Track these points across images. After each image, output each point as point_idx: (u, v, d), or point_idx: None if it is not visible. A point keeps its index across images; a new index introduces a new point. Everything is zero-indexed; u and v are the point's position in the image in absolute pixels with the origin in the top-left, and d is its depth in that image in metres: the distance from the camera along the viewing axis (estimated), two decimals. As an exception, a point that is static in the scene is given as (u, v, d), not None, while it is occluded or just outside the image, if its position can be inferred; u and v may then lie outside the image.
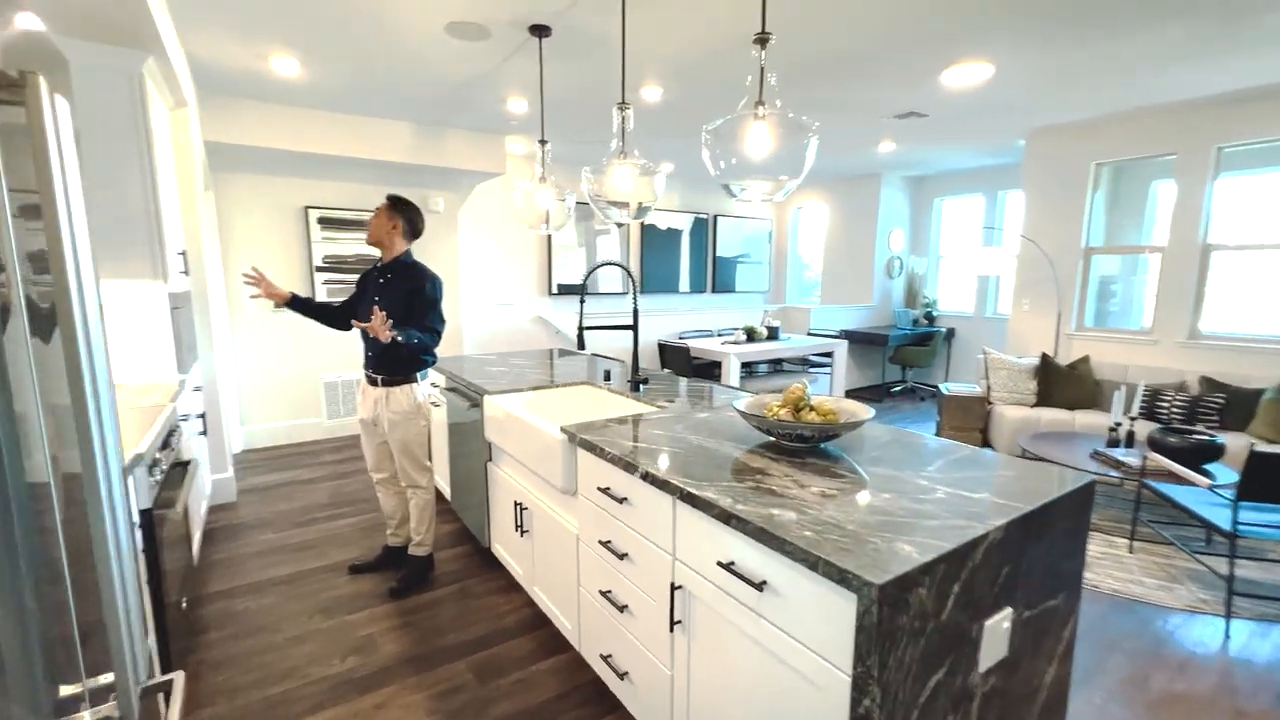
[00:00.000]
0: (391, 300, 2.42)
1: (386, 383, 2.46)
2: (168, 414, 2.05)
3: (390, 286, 2.47)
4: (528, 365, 3.17)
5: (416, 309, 2.43)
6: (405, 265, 2.51)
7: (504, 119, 4.46)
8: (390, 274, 2.49)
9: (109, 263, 2.49)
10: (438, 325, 2.49)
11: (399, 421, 2.47)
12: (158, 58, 2.51)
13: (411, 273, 2.48)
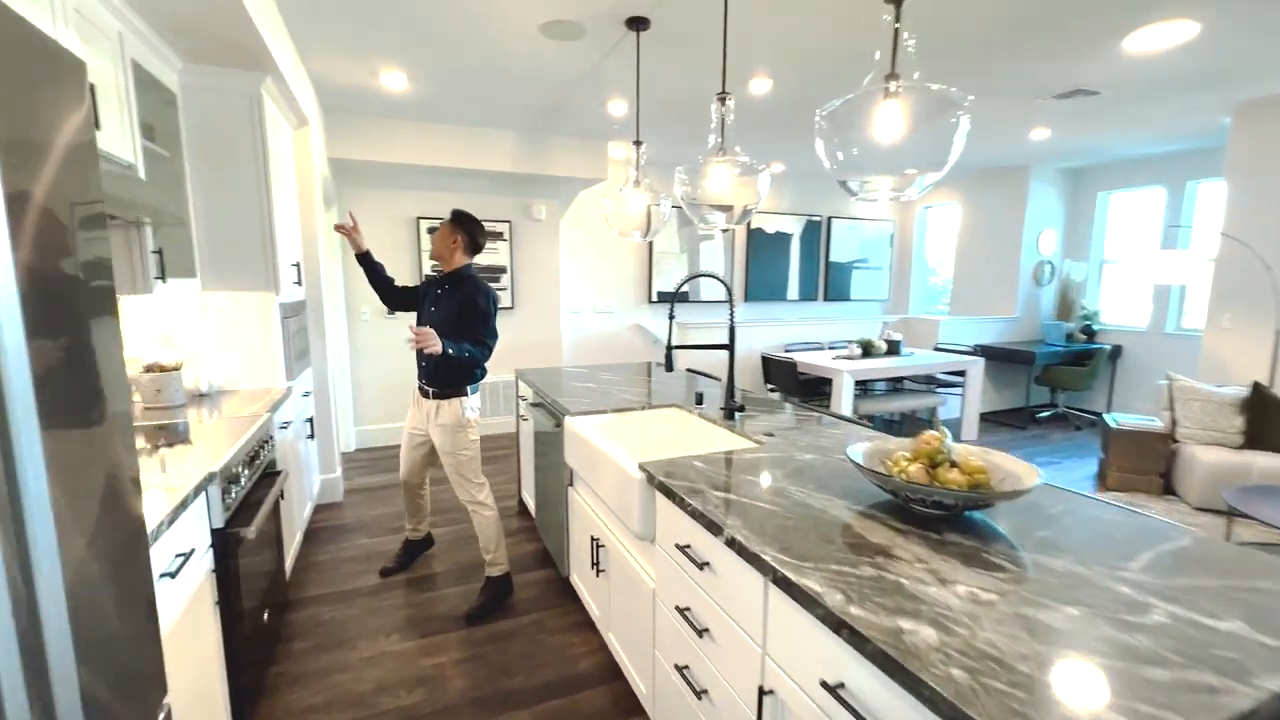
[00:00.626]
0: (447, 311, 2.46)
1: (437, 395, 2.48)
2: (259, 424, 2.07)
3: (446, 297, 2.49)
4: (617, 381, 2.98)
5: (469, 321, 2.43)
6: (462, 278, 2.51)
7: (605, 123, 4.34)
8: (447, 285, 2.52)
9: (224, 275, 2.62)
10: (489, 339, 2.48)
11: (446, 435, 2.48)
12: (275, 79, 2.62)
13: (467, 285, 2.48)
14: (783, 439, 1.90)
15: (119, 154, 1.86)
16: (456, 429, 2.47)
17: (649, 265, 6.03)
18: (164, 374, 2.31)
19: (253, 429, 2.00)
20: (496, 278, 5.07)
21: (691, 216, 2.31)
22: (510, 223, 5.06)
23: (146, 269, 2.03)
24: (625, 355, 6.00)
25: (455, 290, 2.49)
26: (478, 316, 2.44)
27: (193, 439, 1.92)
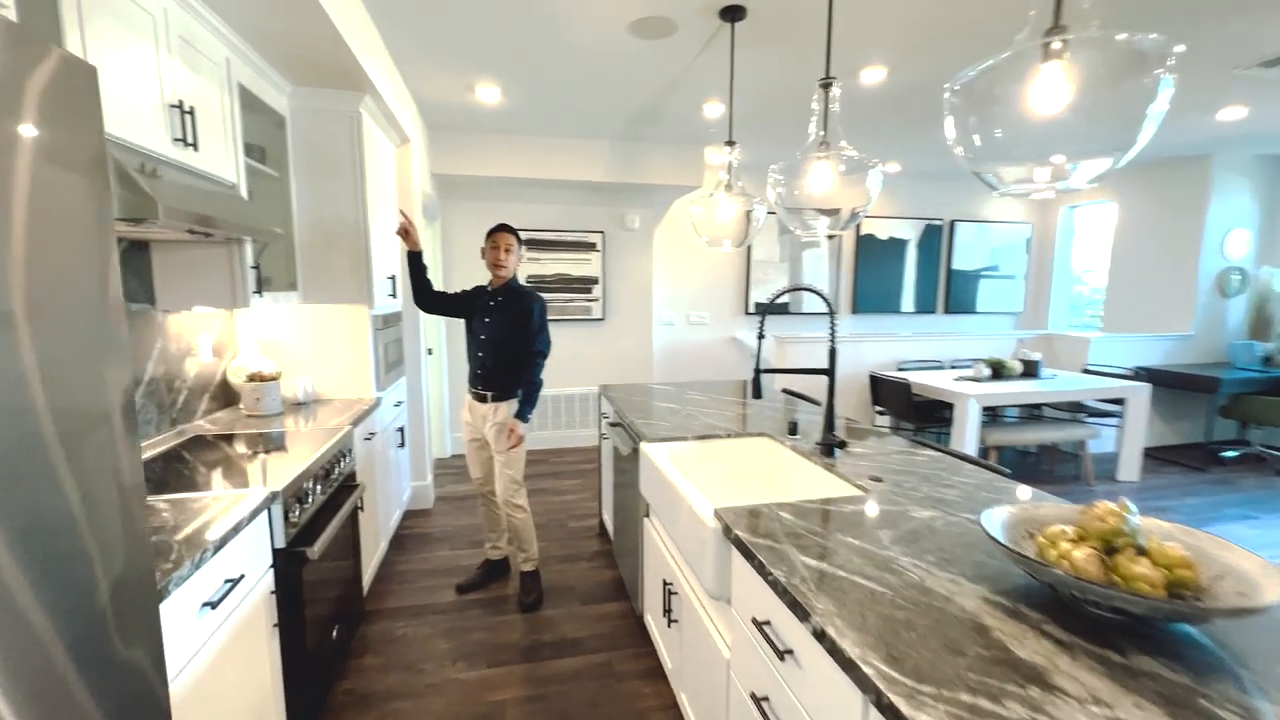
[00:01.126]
0: (503, 322, 2.58)
1: (496, 398, 2.60)
2: (336, 439, 2.07)
3: (501, 309, 2.59)
4: (704, 403, 2.74)
5: (526, 332, 2.56)
6: (517, 289, 2.63)
7: (701, 127, 4.14)
8: (501, 297, 2.61)
9: (323, 288, 2.71)
10: (545, 347, 2.61)
11: (502, 432, 2.58)
12: (373, 98, 2.68)
13: (523, 296, 2.61)
14: (893, 485, 1.58)
15: (222, 174, 1.93)
16: (511, 423, 2.57)
17: (746, 275, 5.72)
18: (263, 383, 2.40)
19: (327, 445, 2.00)
20: (588, 288, 5.02)
21: (788, 223, 2.05)
22: (603, 233, 5.00)
23: (245, 283, 2.11)
24: (718, 369, 5.73)
25: (511, 301, 2.59)
26: (535, 327, 2.57)
27: (276, 449, 1.95)
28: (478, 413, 2.64)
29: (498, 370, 2.58)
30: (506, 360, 2.56)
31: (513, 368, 2.57)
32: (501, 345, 2.56)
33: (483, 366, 2.60)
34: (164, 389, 2.09)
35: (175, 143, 1.66)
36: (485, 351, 2.60)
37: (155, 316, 2.06)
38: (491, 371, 2.59)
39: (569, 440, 5.13)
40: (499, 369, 2.57)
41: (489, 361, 2.58)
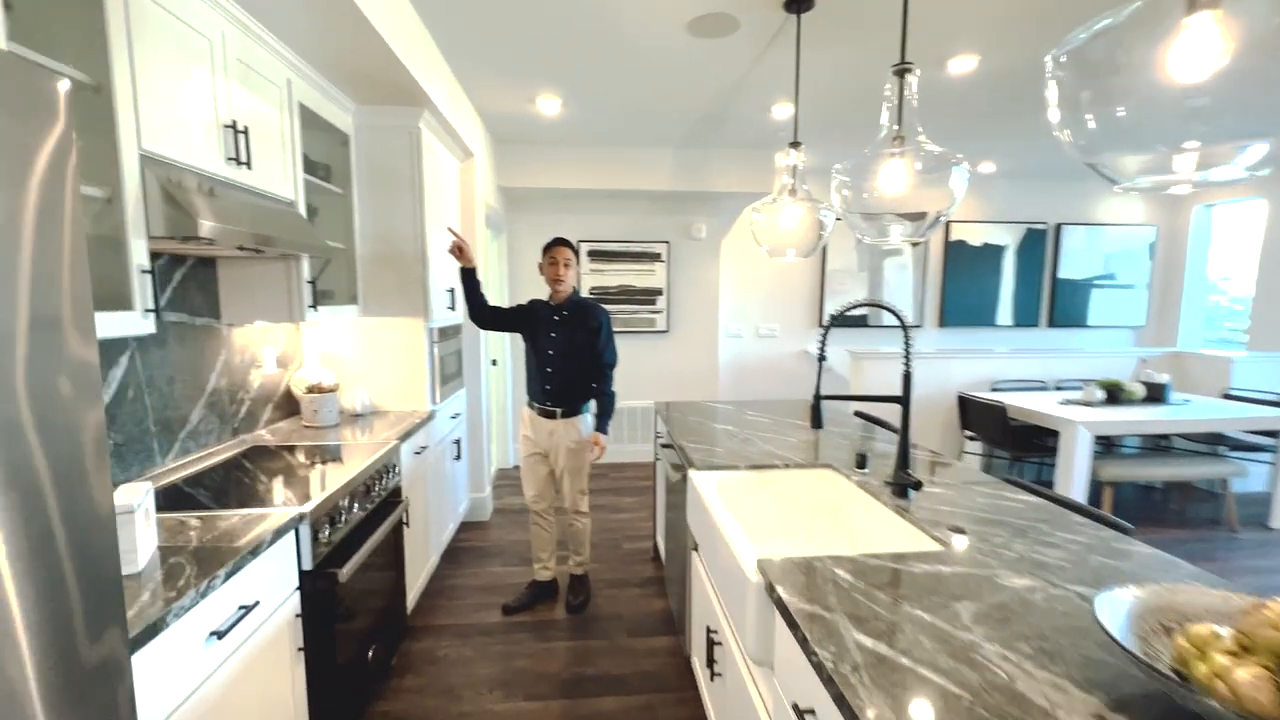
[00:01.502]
0: (570, 336, 2.56)
1: (565, 415, 2.59)
2: (379, 455, 2.05)
3: (567, 323, 2.57)
4: (765, 424, 2.53)
5: (595, 345, 2.55)
6: (581, 303, 2.61)
7: (769, 130, 3.92)
8: (566, 311, 2.59)
9: (381, 301, 2.75)
10: (614, 359, 2.62)
11: (576, 449, 2.62)
12: (432, 113, 2.70)
13: (589, 309, 2.60)
14: (979, 539, 1.32)
15: (279, 192, 1.97)
16: (581, 443, 2.61)
17: (820, 285, 5.40)
18: (321, 395, 2.45)
19: (367, 462, 1.98)
20: (652, 300, 4.91)
21: (857, 230, 1.82)
22: (668, 243, 4.87)
23: (301, 298, 2.14)
24: (788, 383, 5.43)
25: (577, 315, 2.58)
26: (604, 339, 2.57)
27: (325, 461, 1.95)
28: (542, 429, 2.62)
29: (566, 385, 2.57)
30: (575, 375, 2.56)
31: (580, 382, 2.57)
32: (569, 359, 2.55)
33: (550, 382, 2.58)
34: (226, 400, 2.16)
35: (229, 162, 1.69)
36: (553, 367, 2.57)
37: (220, 330, 2.13)
38: (560, 387, 2.57)
39: (630, 455, 5.01)
40: (567, 384, 2.57)
41: (557, 377, 2.56)
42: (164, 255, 1.84)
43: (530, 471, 2.71)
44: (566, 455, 2.62)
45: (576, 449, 2.62)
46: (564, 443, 2.60)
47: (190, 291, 1.97)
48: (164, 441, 1.83)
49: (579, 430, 2.61)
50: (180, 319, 1.92)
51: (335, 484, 1.71)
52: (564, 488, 2.69)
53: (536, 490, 2.72)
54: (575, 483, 2.68)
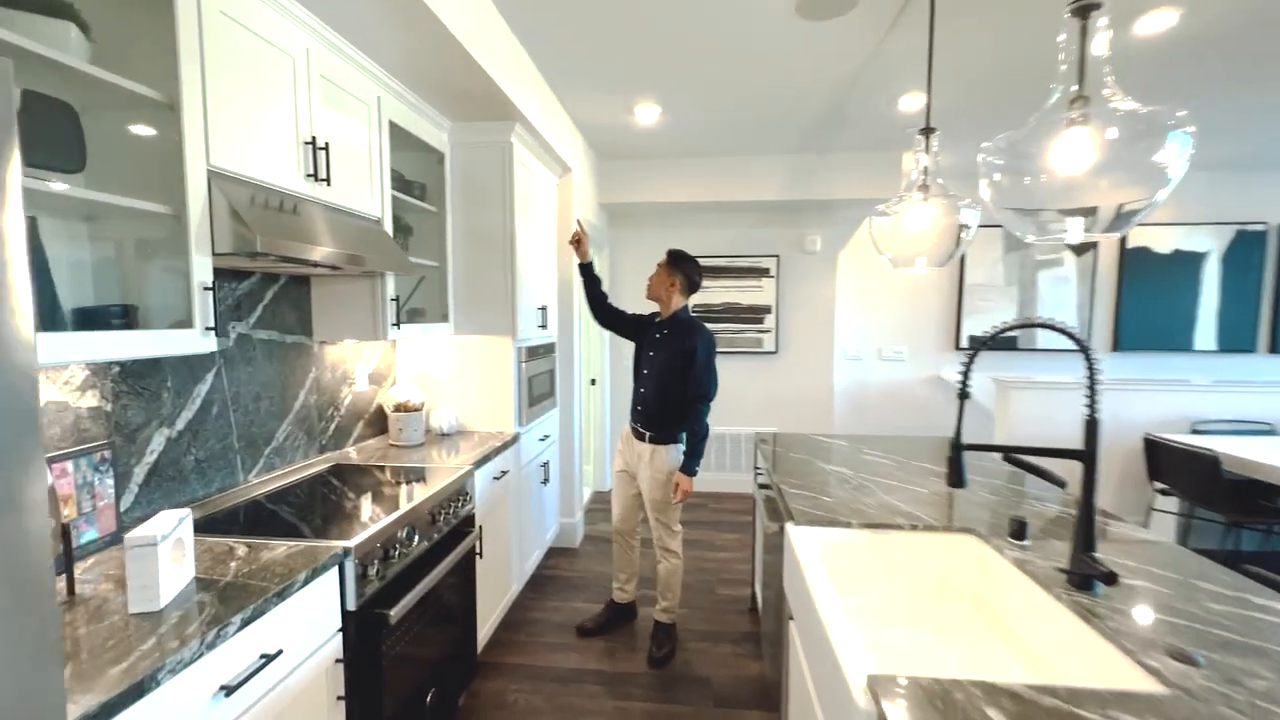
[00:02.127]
0: (666, 356, 2.40)
1: (654, 440, 2.43)
2: (449, 482, 1.93)
3: (667, 342, 2.42)
4: (888, 465, 2.11)
5: (689, 370, 2.35)
6: (681, 322, 2.44)
7: (896, 127, 3.46)
8: (666, 329, 2.45)
9: (471, 319, 2.70)
10: (710, 389, 2.39)
11: (661, 481, 2.43)
12: (523, 126, 2.63)
13: (687, 330, 2.40)
14: (1223, 678, 0.87)
15: (362, 209, 1.95)
16: (669, 474, 2.42)
17: (958, 302, 4.72)
18: (407, 414, 2.42)
19: (432, 490, 1.86)
20: (759, 318, 4.55)
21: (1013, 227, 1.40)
22: (778, 257, 4.50)
23: (385, 315, 2.11)
24: (918, 415, 4.78)
25: (676, 335, 2.41)
26: (700, 366, 2.35)
27: (403, 482, 1.87)
28: (633, 449, 2.52)
29: (658, 408, 2.42)
30: (668, 399, 2.40)
31: (673, 408, 2.40)
32: (663, 381, 2.41)
33: (643, 402, 2.47)
34: (315, 416, 2.17)
35: (307, 178, 1.67)
36: (647, 387, 2.46)
37: (312, 348, 2.15)
38: (652, 409, 2.44)
39: (732, 485, 4.65)
40: (660, 407, 2.42)
41: (650, 397, 2.44)
42: (255, 274, 1.88)
43: (619, 489, 2.60)
44: (651, 485, 2.44)
45: (662, 481, 2.43)
46: (650, 470, 2.43)
47: (282, 309, 2.00)
48: (247, 458, 1.84)
49: (666, 461, 2.43)
50: (270, 336, 1.94)
51: (391, 515, 1.59)
52: (653, 525, 2.50)
53: (622, 511, 2.60)
54: (661, 517, 2.46)
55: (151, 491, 1.52)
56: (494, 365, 2.73)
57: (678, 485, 2.38)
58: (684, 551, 3.44)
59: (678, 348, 2.37)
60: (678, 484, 2.38)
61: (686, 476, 2.38)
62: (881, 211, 2.03)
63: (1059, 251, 4.59)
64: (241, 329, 1.82)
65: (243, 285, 1.82)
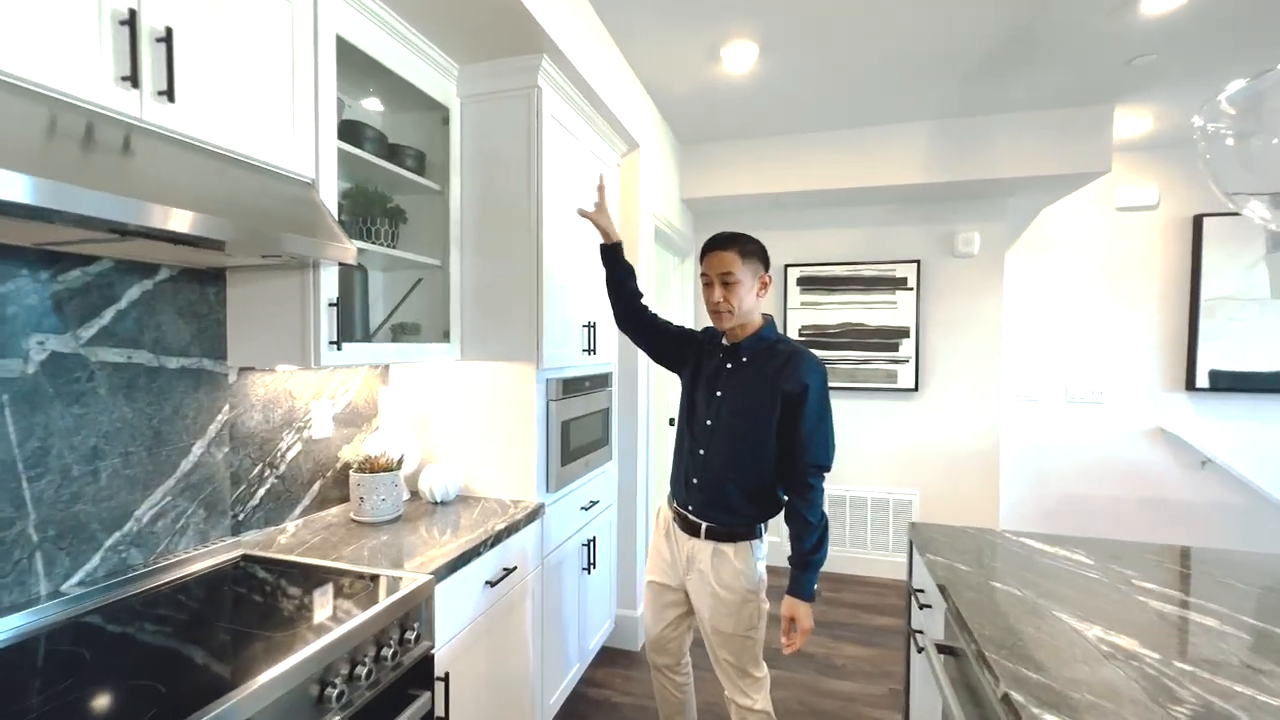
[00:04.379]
0: (748, 399, 1.49)
1: (716, 535, 1.51)
2: (363, 620, 1.10)
3: (745, 377, 1.51)
4: (1213, 630, 1.01)
5: (794, 421, 1.43)
6: (769, 345, 1.53)
7: (1117, 56, 2.32)
8: (745, 357, 1.53)
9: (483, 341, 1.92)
10: (829, 453, 1.46)
11: (734, 606, 1.48)
12: (557, 63, 1.85)
13: (784, 360, 1.47)
14: None
15: (279, 163, 1.24)
16: (748, 595, 1.49)
17: (1190, 321, 3.31)
18: (373, 475, 1.65)
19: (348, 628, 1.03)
20: (893, 345, 3.43)
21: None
22: (918, 262, 3.38)
23: (318, 329, 1.36)
24: (1131, 485, 3.38)
25: (762, 366, 1.50)
26: (812, 417, 1.44)
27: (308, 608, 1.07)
28: (679, 548, 1.60)
29: (728, 484, 1.51)
30: (745, 468, 1.50)
31: (755, 484, 1.50)
32: (739, 440, 1.51)
33: (701, 473, 1.54)
34: (225, 480, 1.45)
35: (121, 83, 0.95)
36: (708, 448, 1.54)
37: (221, 377, 1.45)
38: (717, 484, 1.52)
39: (856, 565, 3.50)
40: (725, 480, 1.51)
41: (714, 465, 1.52)
42: (101, 259, 1.19)
43: (655, 603, 1.68)
44: (716, 610, 1.51)
45: (736, 605, 1.49)
46: (714, 586, 1.50)
47: (160, 319, 1.31)
48: (61, 555, 1.13)
49: (743, 573, 1.49)
50: (128, 358, 1.25)
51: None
52: (716, 659, 1.56)
53: (657, 635, 1.69)
54: (734, 659, 1.52)
55: None
56: (511, 404, 1.91)
57: (791, 621, 1.45)
58: (789, 675, 2.41)
59: (767, 387, 1.47)
60: (791, 618, 1.45)
61: (804, 604, 1.44)
62: (1224, 109, 0.98)
63: (1367, 246, 3.07)
64: (60, 345, 1.13)
65: (67, 275, 1.14)
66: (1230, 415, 3.26)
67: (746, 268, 1.49)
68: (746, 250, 1.50)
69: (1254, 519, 3.20)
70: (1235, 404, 3.25)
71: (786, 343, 1.55)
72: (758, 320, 1.55)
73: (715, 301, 1.50)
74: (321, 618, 1.10)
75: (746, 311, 1.51)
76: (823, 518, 1.46)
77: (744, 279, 1.48)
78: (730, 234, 1.52)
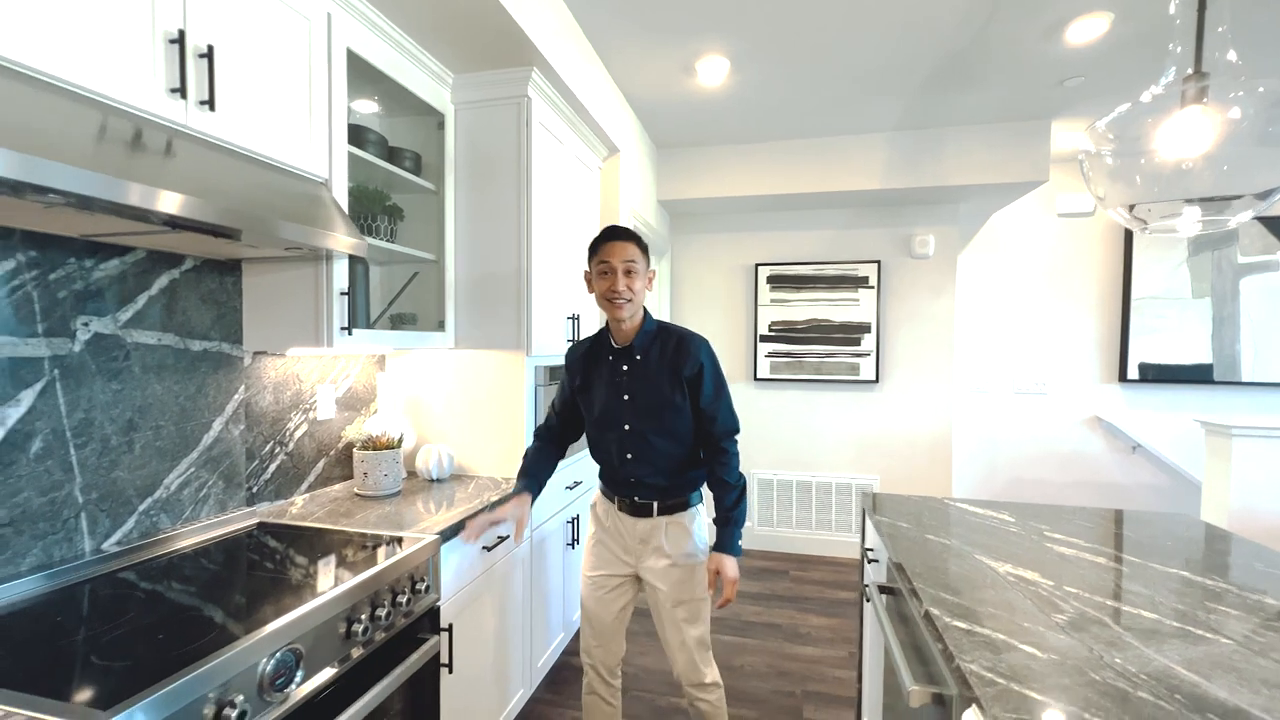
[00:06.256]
0: (651, 390, 1.54)
1: (669, 509, 1.59)
2: (375, 572, 1.25)
3: (644, 371, 1.55)
4: (1122, 572, 1.23)
5: (694, 396, 1.54)
6: (656, 336, 1.58)
7: (1051, 75, 2.57)
8: (638, 354, 1.56)
9: (475, 329, 2.07)
10: (732, 423, 1.58)
11: (689, 568, 1.57)
12: (544, 74, 2.01)
13: (674, 344, 1.55)
14: None
15: (297, 164, 1.37)
16: (698, 558, 1.59)
17: (1122, 318, 3.62)
18: (375, 453, 1.79)
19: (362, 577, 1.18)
20: (854, 339, 3.67)
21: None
22: (879, 262, 3.63)
23: (330, 315, 1.50)
24: (1069, 469, 3.68)
25: (656, 356, 1.55)
26: (711, 389, 1.55)
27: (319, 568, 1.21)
28: (628, 534, 1.63)
29: (658, 468, 1.57)
30: (669, 452, 1.57)
31: (681, 455, 1.59)
32: (655, 431, 1.55)
33: (635, 468, 1.57)
34: (241, 455, 1.58)
35: (172, 95, 1.08)
36: (633, 449, 1.57)
37: (238, 360, 1.58)
38: (651, 472, 1.57)
39: (821, 546, 3.73)
40: (659, 466, 1.57)
41: (643, 459, 1.57)
42: (135, 250, 1.32)
43: (600, 602, 1.65)
44: (678, 581, 1.57)
45: (690, 567, 1.58)
46: (671, 559, 1.57)
47: (185, 305, 1.44)
48: (103, 516, 1.25)
49: (691, 539, 1.59)
50: (159, 340, 1.37)
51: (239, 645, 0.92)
52: (671, 643, 1.60)
53: (605, 634, 1.66)
54: (694, 623, 1.58)
55: (-127, 580, 0.94)
56: (502, 389, 2.07)
57: (717, 575, 1.52)
58: (761, 642, 2.61)
59: (668, 375, 1.53)
60: (717, 572, 1.52)
61: (730, 559, 1.51)
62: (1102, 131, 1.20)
63: (1274, 252, 3.42)
64: (102, 326, 1.25)
65: (107, 264, 1.26)
66: (1157, 404, 3.58)
67: (644, 259, 1.53)
68: (642, 244, 1.55)
69: (1177, 497, 3.52)
70: (1161, 394, 3.57)
71: (667, 327, 1.60)
72: (641, 313, 1.57)
73: (618, 290, 1.49)
74: (343, 569, 1.25)
75: (640, 301, 1.54)
76: (740, 478, 1.56)
77: (642, 269, 1.53)
78: (627, 228, 1.56)
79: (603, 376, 1.60)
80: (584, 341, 1.68)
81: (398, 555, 1.30)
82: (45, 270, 1.16)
